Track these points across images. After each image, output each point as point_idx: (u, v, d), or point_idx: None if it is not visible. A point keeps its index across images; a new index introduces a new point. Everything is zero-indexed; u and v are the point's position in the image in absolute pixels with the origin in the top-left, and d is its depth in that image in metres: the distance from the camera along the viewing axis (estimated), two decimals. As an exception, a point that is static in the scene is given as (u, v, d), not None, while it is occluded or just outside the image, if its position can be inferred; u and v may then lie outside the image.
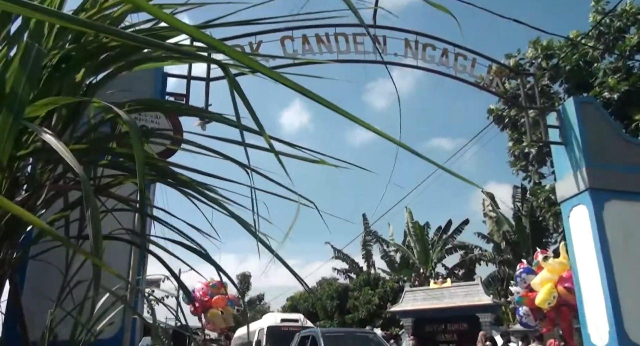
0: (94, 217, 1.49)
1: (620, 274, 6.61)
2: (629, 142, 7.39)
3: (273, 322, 16.42)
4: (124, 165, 2.94)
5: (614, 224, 6.86)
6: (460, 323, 17.00)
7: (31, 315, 2.80)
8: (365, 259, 31.89)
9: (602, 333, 6.58)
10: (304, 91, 1.40)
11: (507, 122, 14.19)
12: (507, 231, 24.43)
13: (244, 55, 1.43)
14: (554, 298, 9.82)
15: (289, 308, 31.11)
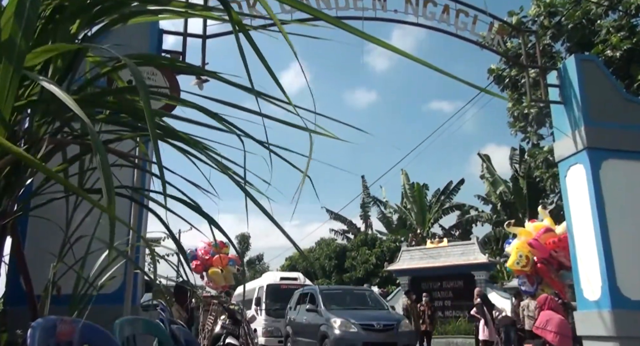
0: (104, 166, 1.48)
1: (614, 231, 6.71)
2: (629, 100, 7.35)
3: (272, 280, 16.73)
4: (123, 120, 2.93)
5: (610, 183, 6.91)
6: (455, 281, 17.36)
7: (33, 270, 2.84)
8: (363, 220, 32.23)
9: (595, 288, 6.74)
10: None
11: (507, 83, 14.05)
12: (504, 192, 24.60)
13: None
14: (520, 257, 10.27)
15: (287, 268, 31.63)
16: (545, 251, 10.18)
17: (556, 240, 10.00)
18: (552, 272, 10.32)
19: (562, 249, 9.98)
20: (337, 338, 10.00)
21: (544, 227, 10.45)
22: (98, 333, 1.67)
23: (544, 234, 10.21)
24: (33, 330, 1.31)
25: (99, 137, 1.66)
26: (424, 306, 13.28)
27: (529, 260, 10.35)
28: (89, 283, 2.98)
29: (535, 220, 11.72)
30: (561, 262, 10.20)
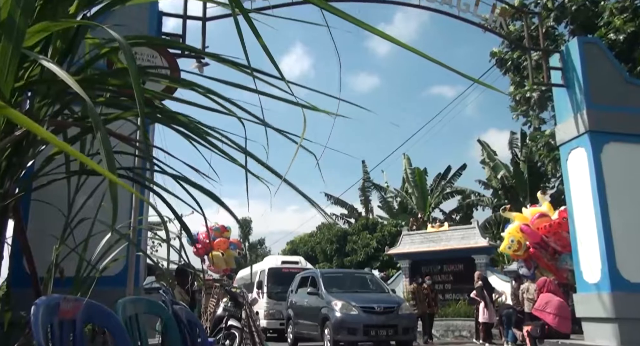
0: (105, 140, 1.49)
1: (614, 214, 6.73)
2: (631, 83, 7.32)
3: (274, 264, 16.84)
4: (122, 103, 2.92)
5: (611, 166, 6.92)
6: (456, 265, 17.43)
7: (36, 252, 2.85)
8: (364, 204, 32.29)
9: (595, 271, 6.78)
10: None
11: (509, 66, 13.96)
12: (504, 176, 24.60)
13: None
14: (512, 242, 10.47)
15: (289, 252, 31.78)
16: (537, 236, 10.31)
17: (547, 225, 10.12)
18: (546, 256, 10.46)
19: (552, 235, 10.12)
20: (338, 320, 10.09)
21: (538, 212, 10.57)
22: (101, 311, 1.69)
23: (537, 219, 10.36)
24: (36, 307, 1.32)
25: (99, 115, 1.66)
26: (426, 289, 13.44)
27: (520, 245, 10.56)
28: (91, 265, 3.00)
29: (536, 205, 11.78)
30: (554, 248, 10.36)
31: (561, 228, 10.06)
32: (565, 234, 10.03)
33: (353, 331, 10.02)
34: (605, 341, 6.40)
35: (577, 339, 7.37)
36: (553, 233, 10.17)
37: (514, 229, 10.82)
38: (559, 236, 10.12)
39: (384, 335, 10.27)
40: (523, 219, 10.82)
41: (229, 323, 9.12)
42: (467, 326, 14.14)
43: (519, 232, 10.61)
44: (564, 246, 10.26)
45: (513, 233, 10.78)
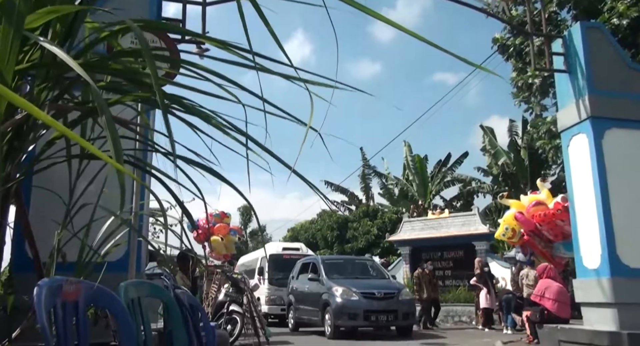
0: (109, 122, 1.48)
1: (615, 200, 6.73)
2: (634, 69, 7.26)
3: (275, 251, 16.92)
4: (124, 88, 2.91)
5: (612, 152, 6.90)
6: (456, 251, 17.49)
7: (38, 238, 2.86)
8: (364, 192, 32.32)
9: (594, 257, 6.80)
10: None
11: (511, 52, 13.85)
12: (505, 163, 24.59)
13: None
14: (506, 229, 10.58)
15: (290, 239, 31.88)
16: (531, 224, 10.39)
17: (542, 214, 10.17)
18: (540, 243, 10.54)
19: (546, 224, 10.19)
20: (338, 305, 10.17)
21: (535, 200, 10.62)
22: (104, 294, 1.70)
23: (533, 207, 10.43)
24: (39, 288, 1.33)
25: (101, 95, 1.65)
26: (428, 275, 13.55)
27: (515, 233, 10.68)
28: (93, 250, 3.01)
29: (536, 192, 11.80)
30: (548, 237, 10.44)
31: (555, 218, 10.13)
32: (560, 223, 10.08)
33: (353, 317, 10.11)
34: (604, 326, 6.44)
35: (576, 324, 7.42)
36: (547, 222, 10.24)
37: (509, 217, 10.92)
38: (552, 225, 10.20)
39: (384, 320, 10.36)
40: (520, 207, 10.87)
41: (231, 309, 9.19)
42: (466, 312, 14.24)
43: (513, 220, 10.68)
44: (556, 235, 10.32)
45: (508, 220, 10.89)
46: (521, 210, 10.73)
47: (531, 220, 10.41)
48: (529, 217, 10.49)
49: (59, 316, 1.42)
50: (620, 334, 6.09)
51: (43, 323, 1.23)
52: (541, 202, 10.56)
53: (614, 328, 6.29)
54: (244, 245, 34.09)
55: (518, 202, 11.26)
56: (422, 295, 13.16)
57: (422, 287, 13.18)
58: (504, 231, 10.88)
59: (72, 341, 1.49)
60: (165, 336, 2.74)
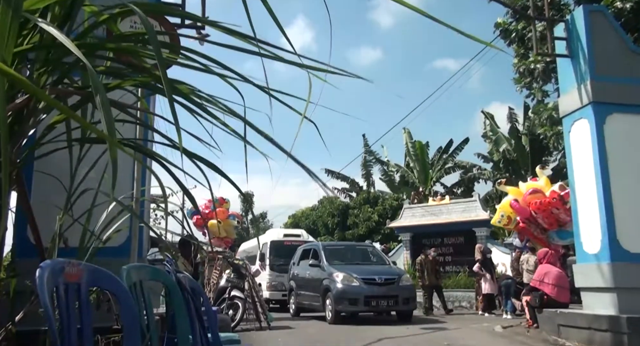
0: (104, 105, 1.48)
1: (616, 185, 6.73)
2: (636, 53, 7.21)
3: (276, 237, 16.98)
4: (122, 72, 2.89)
5: (614, 137, 6.89)
6: (456, 237, 17.55)
7: (40, 223, 2.87)
8: (365, 178, 32.34)
9: (595, 242, 6.82)
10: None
11: (513, 37, 13.75)
12: (506, 150, 24.55)
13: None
14: (502, 216, 10.65)
15: (290, 225, 31.98)
16: (526, 211, 10.44)
17: (537, 202, 10.20)
18: (535, 230, 10.61)
19: (541, 212, 10.24)
20: (339, 291, 10.22)
21: (532, 187, 10.65)
22: (106, 276, 1.71)
23: (529, 195, 10.46)
24: (42, 270, 1.33)
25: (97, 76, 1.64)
26: (431, 261, 13.45)
27: (510, 220, 10.76)
28: (95, 235, 3.03)
29: (536, 178, 11.81)
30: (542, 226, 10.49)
31: (551, 206, 10.16)
32: (555, 211, 10.12)
33: (354, 302, 10.17)
34: (604, 310, 6.49)
35: (575, 309, 7.47)
36: (542, 211, 10.29)
37: (505, 204, 10.98)
38: (548, 213, 10.26)
39: (385, 305, 10.43)
40: (518, 194, 10.91)
41: (232, 294, 9.26)
42: (466, 297, 14.32)
43: (509, 207, 10.75)
44: (551, 224, 10.37)
45: (504, 207, 10.97)
46: (518, 197, 10.76)
47: (526, 208, 10.45)
48: (525, 205, 10.52)
49: (62, 298, 1.43)
50: (620, 318, 6.13)
51: (45, 302, 1.23)
52: (538, 190, 10.59)
53: (613, 313, 6.33)
54: (245, 232, 34.21)
55: (516, 189, 11.29)
56: (424, 281, 13.09)
57: (424, 273, 13.11)
58: (500, 218, 10.97)
59: (75, 323, 1.50)
60: (168, 320, 2.76)
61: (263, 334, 8.64)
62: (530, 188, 10.79)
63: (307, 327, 9.87)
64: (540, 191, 10.64)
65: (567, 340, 6.87)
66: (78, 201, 2.90)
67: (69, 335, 1.43)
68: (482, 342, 7.34)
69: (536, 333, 7.87)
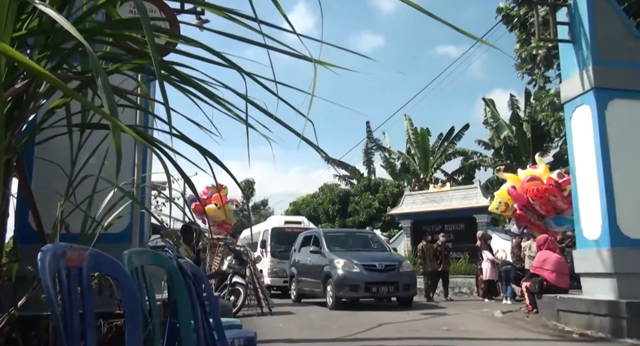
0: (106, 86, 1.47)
1: (617, 171, 6.72)
2: (638, 38, 7.15)
3: (277, 224, 17.02)
4: (121, 57, 2.88)
5: (615, 123, 6.86)
6: (457, 224, 17.58)
7: (41, 209, 2.87)
8: (367, 166, 32.34)
9: (595, 228, 6.83)
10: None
11: (515, 23, 13.65)
12: (507, 137, 24.50)
13: None
14: (499, 203, 10.69)
15: (291, 213, 32.06)
16: (523, 199, 10.46)
17: (534, 189, 10.21)
18: (532, 217, 10.64)
19: (538, 199, 10.26)
20: (340, 277, 10.27)
21: (530, 175, 10.65)
22: (107, 261, 1.71)
23: (527, 182, 10.47)
24: (43, 253, 1.33)
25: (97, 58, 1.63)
26: (440, 246, 13.22)
27: (508, 206, 10.79)
28: (96, 221, 3.03)
29: (536, 166, 11.81)
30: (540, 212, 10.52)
31: (548, 193, 10.18)
32: (552, 198, 10.13)
33: (355, 288, 10.23)
34: (603, 296, 6.52)
35: (575, 294, 7.51)
36: (539, 197, 10.32)
37: (503, 191, 11.01)
38: (545, 201, 10.29)
39: (385, 291, 10.49)
40: (516, 181, 10.93)
41: (234, 280, 9.31)
42: (466, 283, 14.39)
43: (506, 194, 10.77)
44: (548, 211, 10.39)
45: (501, 194, 10.99)
46: (516, 184, 10.78)
47: (524, 195, 10.48)
48: (522, 192, 10.54)
49: (63, 282, 1.44)
50: (619, 303, 6.16)
51: (47, 286, 1.24)
52: (536, 177, 10.61)
53: (613, 298, 6.36)
54: (246, 219, 34.29)
55: (514, 176, 11.30)
56: (426, 267, 12.97)
57: (425, 260, 13.00)
58: (497, 205, 11.01)
59: (77, 307, 1.51)
60: (170, 305, 2.78)
61: (264, 319, 8.71)
62: (529, 175, 10.81)
63: (308, 313, 9.94)
64: (539, 178, 10.66)
65: (566, 325, 6.92)
66: (79, 187, 2.91)
67: (71, 319, 1.44)
68: (481, 327, 7.39)
69: (535, 318, 7.92)
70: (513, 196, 10.59)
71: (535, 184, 10.41)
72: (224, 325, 3.35)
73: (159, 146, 2.74)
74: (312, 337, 6.60)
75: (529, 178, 10.59)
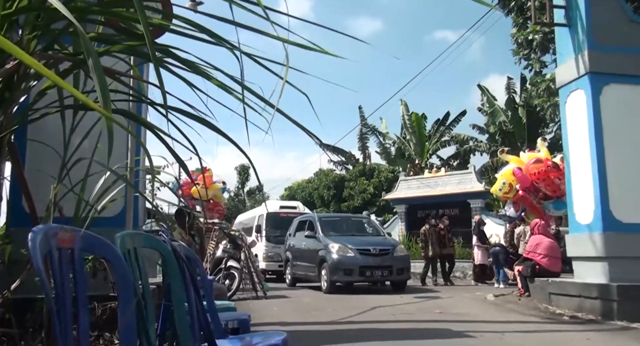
0: (98, 69, 1.46)
1: (610, 156, 6.75)
2: (636, 22, 7.12)
3: (272, 209, 17.07)
4: (114, 39, 2.84)
5: (610, 108, 6.87)
6: (451, 209, 17.66)
7: (34, 192, 2.86)
8: (362, 151, 32.33)
9: (588, 212, 6.88)
10: None
11: (512, 6, 13.57)
12: (502, 122, 24.52)
13: None
14: (503, 184, 10.64)
15: (287, 197, 32.08)
16: (528, 180, 10.46)
17: (537, 172, 10.24)
18: (535, 199, 10.65)
19: (542, 181, 10.28)
20: (334, 261, 10.34)
21: (535, 157, 10.65)
22: (100, 242, 1.71)
23: (532, 164, 10.46)
24: (34, 234, 1.33)
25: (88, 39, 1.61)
26: (443, 230, 13.00)
27: (511, 188, 10.74)
28: (90, 205, 3.02)
29: (533, 150, 11.82)
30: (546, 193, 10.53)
31: (547, 174, 10.21)
32: (556, 180, 10.16)
33: (349, 272, 10.31)
34: (594, 279, 6.59)
35: (567, 278, 7.59)
36: (542, 180, 10.34)
37: (507, 172, 10.95)
38: (549, 181, 10.30)
39: (379, 275, 10.58)
40: (519, 163, 10.92)
41: (229, 264, 9.35)
42: (460, 268, 14.51)
43: (511, 175, 10.74)
44: (554, 191, 10.41)
45: (506, 175, 10.93)
46: (519, 166, 10.76)
47: (528, 177, 10.48)
48: (527, 174, 10.53)
49: (55, 262, 1.44)
50: (610, 286, 6.24)
51: (39, 265, 1.24)
52: (541, 160, 10.59)
53: (604, 281, 6.44)
54: (241, 204, 34.31)
55: (517, 158, 11.27)
56: (427, 251, 12.67)
57: (428, 244, 12.68)
58: (501, 186, 10.92)
59: (69, 287, 1.51)
60: (164, 288, 2.79)
61: (259, 303, 8.77)
62: (533, 157, 10.77)
63: (303, 296, 10.01)
64: (542, 161, 10.65)
65: (557, 308, 7.00)
66: (72, 170, 2.89)
67: (63, 300, 1.44)
68: (473, 310, 7.48)
69: (527, 301, 8.02)
70: (518, 177, 10.54)
71: (538, 166, 10.40)
72: (218, 307, 3.37)
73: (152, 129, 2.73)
74: (306, 320, 6.65)
75: (535, 160, 10.53)
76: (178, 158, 2.87)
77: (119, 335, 2.12)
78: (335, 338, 5.32)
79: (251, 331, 3.36)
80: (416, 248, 16.73)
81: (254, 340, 2.76)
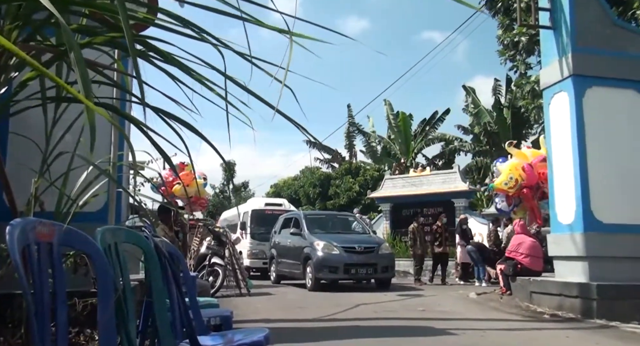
0: (79, 62, 1.44)
1: (592, 157, 6.85)
2: (619, 26, 7.23)
3: (257, 206, 17.01)
4: (97, 31, 2.80)
5: (592, 110, 6.96)
6: (435, 208, 17.75)
7: (15, 186, 2.81)
8: (348, 149, 32.38)
9: (569, 213, 6.97)
10: None
11: (499, 8, 13.67)
12: (487, 122, 24.73)
13: None
14: (510, 179, 10.47)
15: (272, 195, 32.02)
16: (535, 178, 10.39)
17: (544, 172, 10.22)
18: (535, 198, 10.67)
19: (547, 181, 10.26)
20: (319, 259, 10.35)
21: (541, 155, 10.45)
22: (79, 237, 1.69)
23: (540, 163, 10.30)
24: (12, 227, 1.31)
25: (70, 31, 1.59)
26: (440, 228, 12.74)
27: (517, 183, 10.52)
28: (71, 199, 2.98)
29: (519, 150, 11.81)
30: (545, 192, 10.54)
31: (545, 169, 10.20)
32: None
33: (334, 270, 10.32)
34: (575, 278, 6.69)
35: (548, 277, 7.68)
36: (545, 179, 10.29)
37: (514, 167, 10.62)
38: None
39: (364, 273, 10.61)
40: (523, 158, 10.74)
41: (212, 261, 9.31)
42: (444, 266, 14.56)
43: (519, 170, 10.48)
44: None
45: (514, 170, 10.57)
46: (524, 162, 10.59)
47: (536, 175, 10.36)
48: (535, 172, 10.39)
49: (33, 255, 1.42)
50: (589, 285, 6.33)
51: (16, 258, 1.22)
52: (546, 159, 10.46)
53: (584, 280, 6.53)
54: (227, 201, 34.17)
55: (522, 152, 11.06)
56: (416, 250, 12.58)
57: (416, 242, 12.53)
58: (507, 180, 10.58)
59: (47, 282, 1.49)
60: (147, 284, 2.77)
61: (243, 300, 8.75)
62: (538, 155, 10.59)
63: (287, 294, 10.01)
64: (546, 160, 10.49)
65: (538, 306, 7.09)
66: (54, 164, 2.85)
67: (41, 294, 1.43)
68: (456, 308, 7.54)
69: (509, 299, 8.10)
70: (528, 173, 10.35)
71: (544, 165, 10.31)
72: (201, 304, 3.36)
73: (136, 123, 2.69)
74: (290, 317, 6.65)
75: (542, 158, 10.35)
76: (162, 153, 2.84)
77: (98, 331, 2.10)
78: (318, 335, 5.32)
79: (234, 328, 3.35)
80: (400, 246, 16.82)
81: (236, 336, 2.75)
